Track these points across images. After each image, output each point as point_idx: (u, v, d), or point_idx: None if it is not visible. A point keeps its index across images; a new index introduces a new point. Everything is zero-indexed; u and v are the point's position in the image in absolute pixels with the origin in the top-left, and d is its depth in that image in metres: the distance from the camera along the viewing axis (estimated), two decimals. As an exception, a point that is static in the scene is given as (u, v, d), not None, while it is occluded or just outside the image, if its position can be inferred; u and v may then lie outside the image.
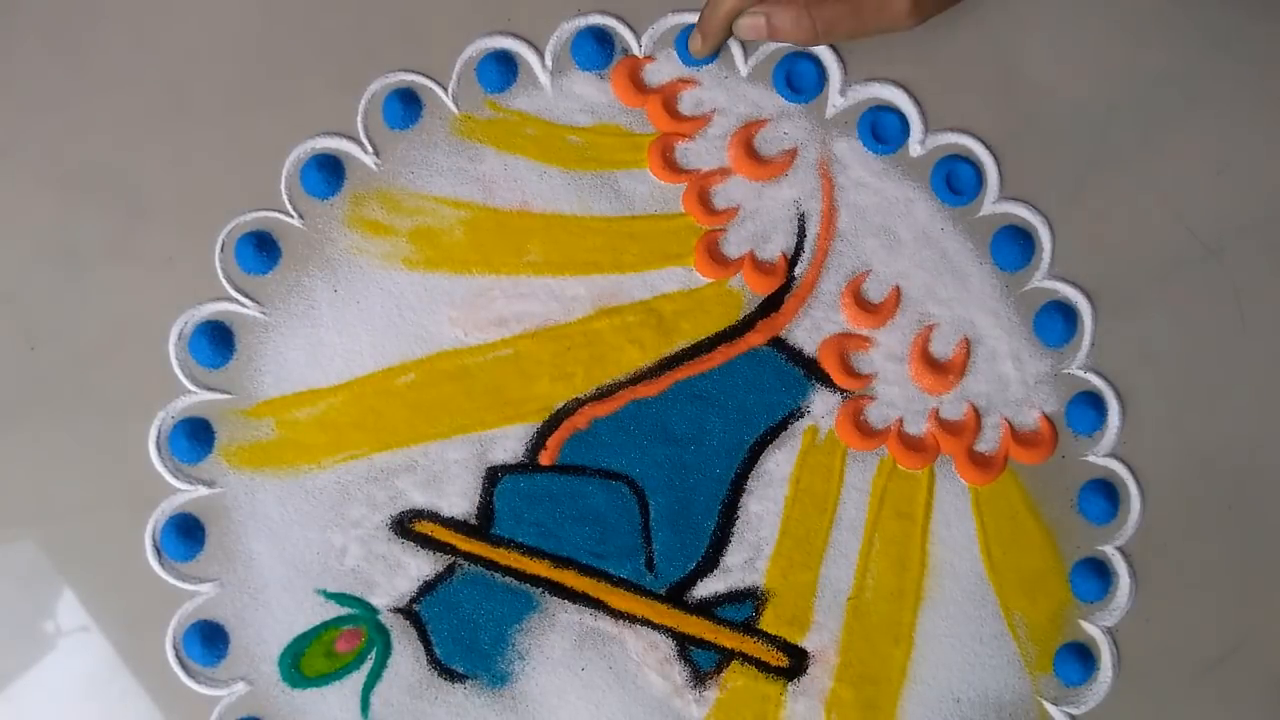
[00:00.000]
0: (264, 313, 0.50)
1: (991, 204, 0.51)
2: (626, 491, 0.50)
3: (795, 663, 0.50)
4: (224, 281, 0.49)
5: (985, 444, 0.51)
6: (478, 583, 0.49)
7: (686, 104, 0.51)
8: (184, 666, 0.49)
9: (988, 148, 0.51)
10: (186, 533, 0.49)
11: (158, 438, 0.49)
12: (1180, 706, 0.51)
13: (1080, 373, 0.51)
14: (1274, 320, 0.52)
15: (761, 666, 0.50)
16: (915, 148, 0.51)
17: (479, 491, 0.50)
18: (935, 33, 0.51)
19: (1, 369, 0.49)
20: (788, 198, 0.51)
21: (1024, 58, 0.52)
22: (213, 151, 0.50)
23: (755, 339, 0.51)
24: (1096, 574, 0.51)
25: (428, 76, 0.50)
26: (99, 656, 0.49)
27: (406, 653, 0.49)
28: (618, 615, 0.50)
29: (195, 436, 0.49)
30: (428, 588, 0.49)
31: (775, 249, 0.51)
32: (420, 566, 0.49)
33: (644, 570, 0.50)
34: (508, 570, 0.50)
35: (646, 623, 0.50)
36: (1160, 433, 0.51)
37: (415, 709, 0.49)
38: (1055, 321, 0.51)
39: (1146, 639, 0.51)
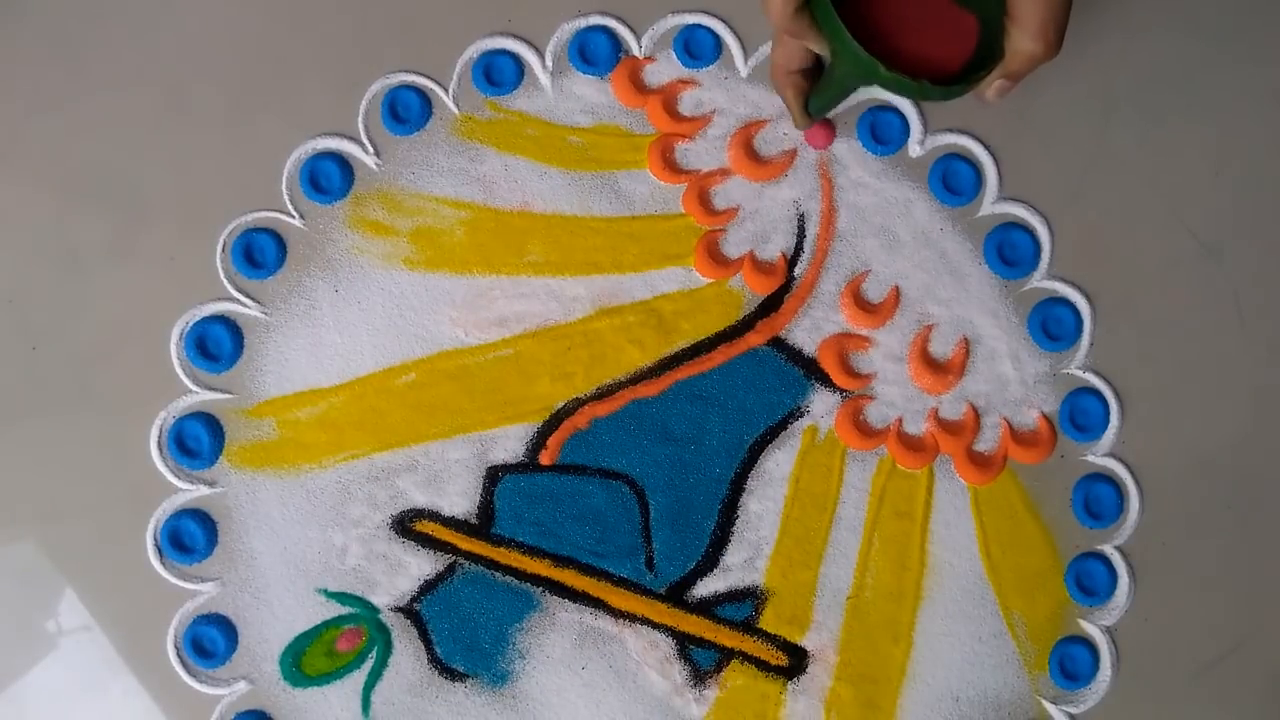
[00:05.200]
0: (265, 313, 0.50)
1: (991, 204, 0.51)
2: (626, 491, 0.50)
3: (795, 661, 0.50)
4: (225, 282, 0.50)
5: (984, 444, 0.51)
6: (478, 582, 0.50)
7: (686, 104, 0.51)
8: (185, 666, 0.49)
9: (987, 148, 0.51)
10: (188, 532, 0.49)
11: (159, 438, 0.49)
12: (1179, 706, 0.51)
13: (1079, 372, 0.51)
14: (1273, 320, 0.52)
15: (761, 665, 0.50)
16: (915, 148, 0.51)
17: (479, 491, 0.50)
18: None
19: (2, 369, 0.49)
20: (787, 198, 0.51)
21: (1024, 58, 0.52)
22: (213, 152, 0.50)
23: (755, 339, 0.51)
24: (1095, 573, 0.51)
25: (428, 77, 0.50)
26: (100, 656, 0.49)
27: (407, 652, 0.49)
28: (618, 614, 0.50)
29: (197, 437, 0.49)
30: (428, 587, 0.49)
31: (775, 249, 0.51)
32: (421, 566, 0.49)
33: (644, 569, 0.50)
34: (508, 569, 0.50)
35: (646, 622, 0.50)
36: (1159, 433, 0.51)
37: (416, 708, 0.49)
38: (1054, 321, 0.51)
39: (1145, 638, 0.51)
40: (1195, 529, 0.51)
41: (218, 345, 0.49)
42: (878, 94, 0.50)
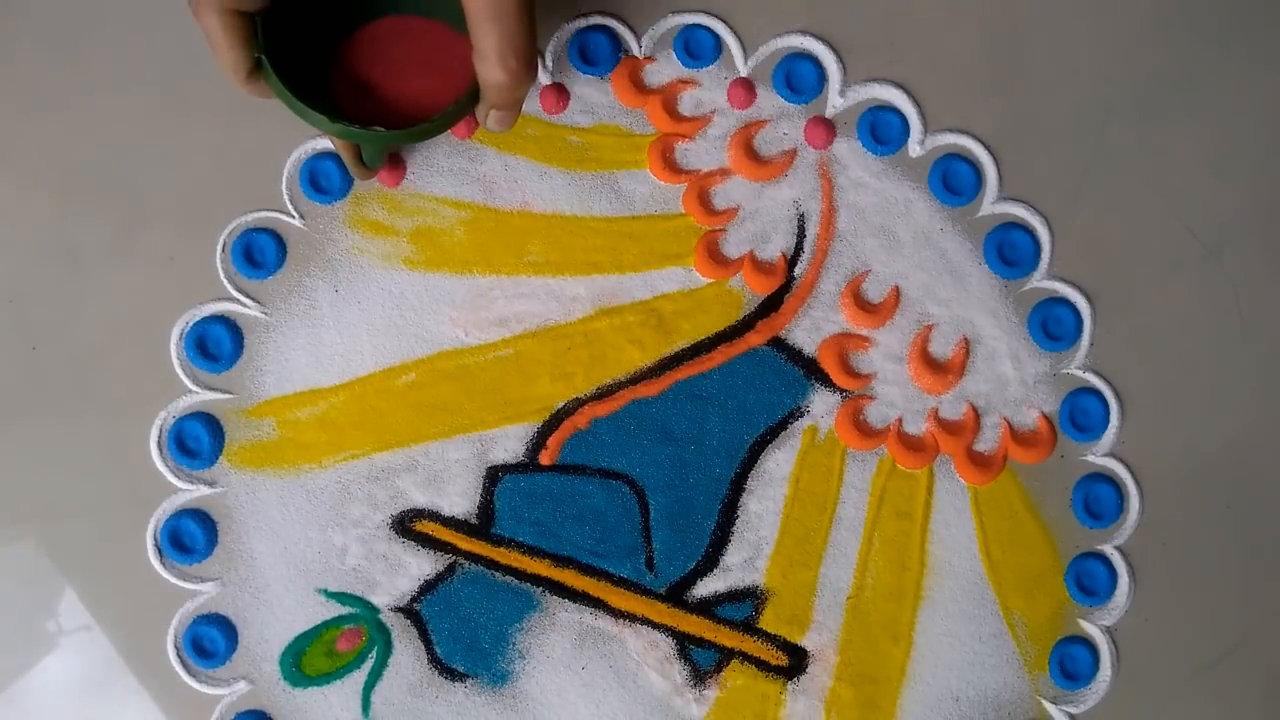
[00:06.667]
0: (265, 313, 0.50)
1: (991, 204, 0.51)
2: (627, 491, 0.50)
3: (795, 662, 0.50)
4: (225, 282, 0.50)
5: (984, 444, 0.51)
6: (478, 582, 0.50)
7: (686, 104, 0.51)
8: (185, 666, 0.49)
9: (987, 148, 0.51)
10: (188, 532, 0.49)
11: (159, 438, 0.49)
12: (1179, 706, 0.51)
13: (1079, 372, 0.51)
14: (1273, 320, 0.52)
15: (761, 665, 0.50)
16: (915, 148, 0.51)
17: (479, 491, 0.50)
18: (935, 33, 0.52)
19: (2, 369, 0.49)
20: (787, 198, 0.51)
21: (1024, 58, 0.52)
22: (213, 151, 0.50)
23: (755, 339, 0.51)
24: (1095, 573, 0.51)
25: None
26: (101, 656, 0.49)
27: (407, 652, 0.49)
28: (618, 614, 0.50)
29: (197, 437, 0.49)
30: (428, 587, 0.49)
31: (775, 249, 0.51)
32: (421, 566, 0.49)
33: (644, 569, 0.50)
34: (508, 569, 0.50)
35: (646, 622, 0.50)
36: (1159, 432, 0.51)
37: (416, 708, 0.49)
38: (1054, 321, 0.51)
39: (1145, 638, 0.51)
40: (1195, 529, 0.51)
41: (218, 345, 0.49)
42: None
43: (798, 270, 0.51)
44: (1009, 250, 0.51)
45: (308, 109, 0.39)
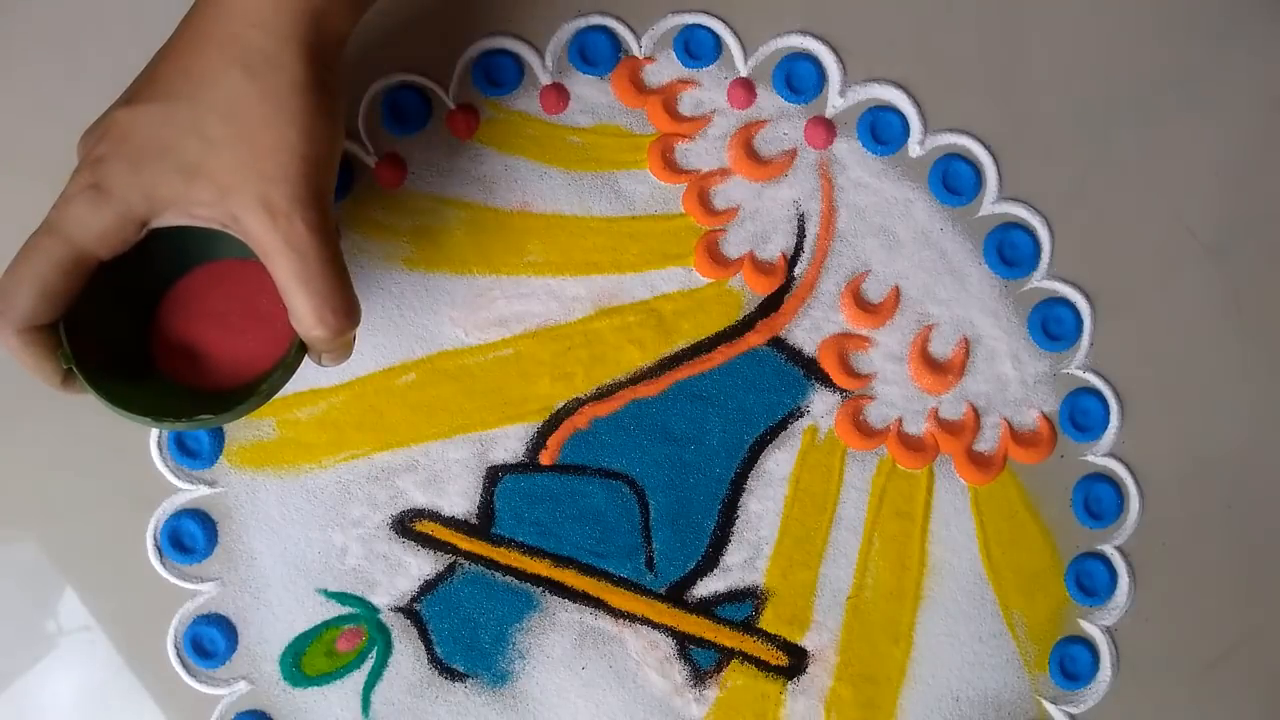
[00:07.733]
0: (265, 313, 0.50)
1: (991, 204, 0.51)
2: (627, 491, 0.50)
3: (795, 662, 0.50)
4: (225, 282, 0.49)
5: (984, 443, 0.51)
6: (478, 582, 0.50)
7: (686, 105, 0.51)
8: (185, 666, 0.49)
9: (987, 148, 0.51)
10: (188, 532, 0.49)
11: (159, 437, 0.49)
12: (1180, 706, 0.51)
13: (1079, 372, 0.51)
14: (1273, 320, 0.52)
15: (761, 665, 0.50)
16: (915, 148, 0.51)
17: (480, 491, 0.50)
18: (935, 32, 0.52)
19: (1, 369, 0.49)
20: (787, 198, 0.51)
21: (1024, 58, 0.52)
22: (213, 152, 0.50)
23: (755, 339, 0.51)
24: (1095, 573, 0.51)
25: (428, 77, 0.50)
26: (100, 656, 0.49)
27: (407, 652, 0.49)
28: (618, 614, 0.50)
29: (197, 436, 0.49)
30: (428, 587, 0.49)
31: (775, 249, 0.51)
32: (421, 566, 0.49)
33: (644, 569, 0.50)
34: (508, 569, 0.50)
35: (646, 622, 0.50)
36: (1159, 433, 0.51)
37: (416, 708, 0.49)
38: (1054, 321, 0.51)
39: (1146, 638, 0.51)
40: (1195, 529, 0.51)
41: (218, 345, 0.49)
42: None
43: (798, 270, 0.51)
44: (1009, 250, 0.51)
45: (129, 414, 0.39)
